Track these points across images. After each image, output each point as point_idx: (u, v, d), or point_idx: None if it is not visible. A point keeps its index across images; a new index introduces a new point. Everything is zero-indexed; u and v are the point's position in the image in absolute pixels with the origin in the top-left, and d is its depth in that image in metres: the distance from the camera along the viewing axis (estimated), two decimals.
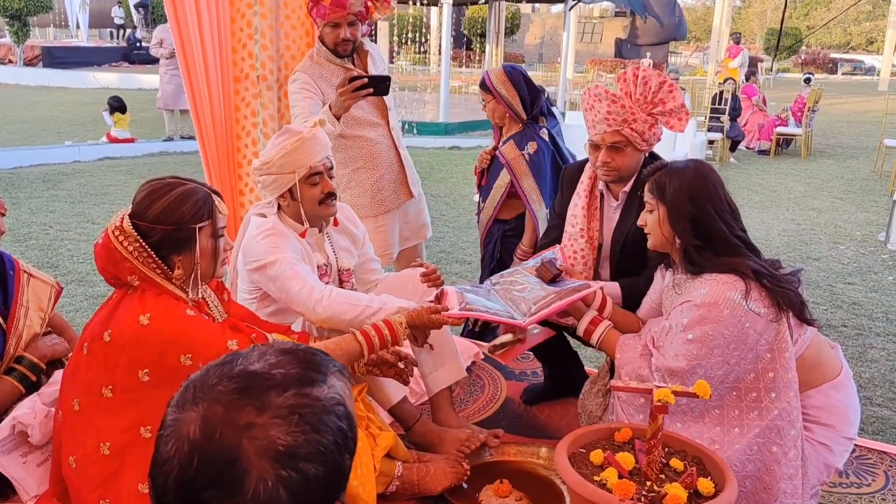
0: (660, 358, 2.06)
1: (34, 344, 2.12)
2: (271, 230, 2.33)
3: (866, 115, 15.36)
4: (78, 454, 1.78)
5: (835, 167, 9.82)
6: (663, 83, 2.43)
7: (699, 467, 1.82)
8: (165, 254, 1.81)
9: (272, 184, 2.33)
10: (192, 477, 0.76)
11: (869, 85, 24.56)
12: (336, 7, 2.87)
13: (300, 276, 2.25)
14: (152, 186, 1.83)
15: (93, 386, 1.78)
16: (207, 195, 1.85)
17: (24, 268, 2.18)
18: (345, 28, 2.93)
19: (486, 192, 3.32)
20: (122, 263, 1.79)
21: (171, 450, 0.78)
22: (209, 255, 1.87)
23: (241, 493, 0.75)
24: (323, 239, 2.52)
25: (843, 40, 39.85)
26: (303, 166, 2.30)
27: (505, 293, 2.39)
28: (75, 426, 1.80)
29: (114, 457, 1.76)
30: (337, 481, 0.81)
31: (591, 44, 28.86)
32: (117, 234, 1.80)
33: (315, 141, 2.32)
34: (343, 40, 2.95)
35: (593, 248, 2.62)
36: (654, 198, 2.15)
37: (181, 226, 1.80)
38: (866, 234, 6.30)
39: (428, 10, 18.79)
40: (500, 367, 3.31)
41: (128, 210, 1.84)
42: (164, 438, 0.79)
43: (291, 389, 0.80)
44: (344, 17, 2.91)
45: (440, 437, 2.43)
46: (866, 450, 2.70)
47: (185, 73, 3.16)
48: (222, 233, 1.91)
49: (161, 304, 1.78)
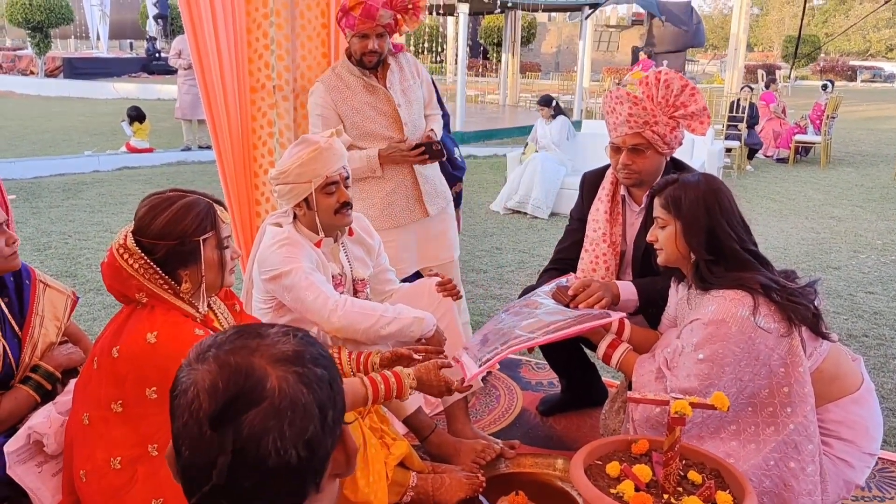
0: (673, 379, 2.03)
1: (50, 353, 2.12)
2: (286, 240, 2.33)
3: (886, 123, 15.21)
4: (88, 467, 1.78)
5: (854, 175, 9.72)
6: (685, 86, 2.41)
7: (717, 480, 1.79)
8: (171, 269, 1.81)
9: (288, 193, 2.35)
10: (221, 400, 0.83)
11: (889, 92, 24.34)
12: (365, 18, 2.89)
13: (315, 286, 2.25)
14: (153, 202, 1.82)
15: (102, 401, 1.77)
16: (209, 206, 1.84)
17: (40, 277, 2.19)
18: (373, 39, 2.95)
19: None
20: (129, 281, 1.79)
21: (193, 392, 0.85)
22: (215, 266, 1.86)
23: (266, 396, 0.84)
24: (338, 249, 2.52)
25: (863, 47, 39.57)
26: (319, 176, 2.31)
27: (519, 314, 2.38)
28: (86, 440, 1.80)
29: (124, 471, 1.75)
30: (339, 389, 0.92)
31: (607, 52, 28.84)
32: (122, 252, 1.79)
33: (331, 151, 2.33)
34: (370, 51, 2.97)
35: (616, 254, 2.60)
36: (667, 213, 2.12)
37: (185, 239, 1.79)
38: (887, 243, 6.22)
39: (444, 20, 18.86)
40: (517, 378, 3.29)
41: (131, 227, 1.83)
42: (183, 390, 0.86)
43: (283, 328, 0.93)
44: (372, 29, 2.93)
45: (456, 449, 2.41)
46: (889, 462, 2.65)
47: (201, 84, 3.18)
48: (227, 243, 1.89)
49: (169, 321, 1.77)
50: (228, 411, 0.83)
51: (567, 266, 2.72)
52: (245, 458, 0.82)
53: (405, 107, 3.05)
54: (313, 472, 0.88)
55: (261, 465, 0.82)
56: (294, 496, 0.86)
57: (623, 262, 2.65)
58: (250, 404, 0.83)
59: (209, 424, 0.83)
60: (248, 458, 0.82)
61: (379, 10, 2.89)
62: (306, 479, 0.87)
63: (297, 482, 0.86)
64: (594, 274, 2.58)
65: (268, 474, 0.83)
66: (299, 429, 0.84)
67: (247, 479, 0.83)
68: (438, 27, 19.93)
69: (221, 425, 0.82)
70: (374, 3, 2.89)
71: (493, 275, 5.07)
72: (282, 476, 0.84)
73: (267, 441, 0.82)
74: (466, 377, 2.20)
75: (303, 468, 0.85)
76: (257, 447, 0.82)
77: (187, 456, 0.84)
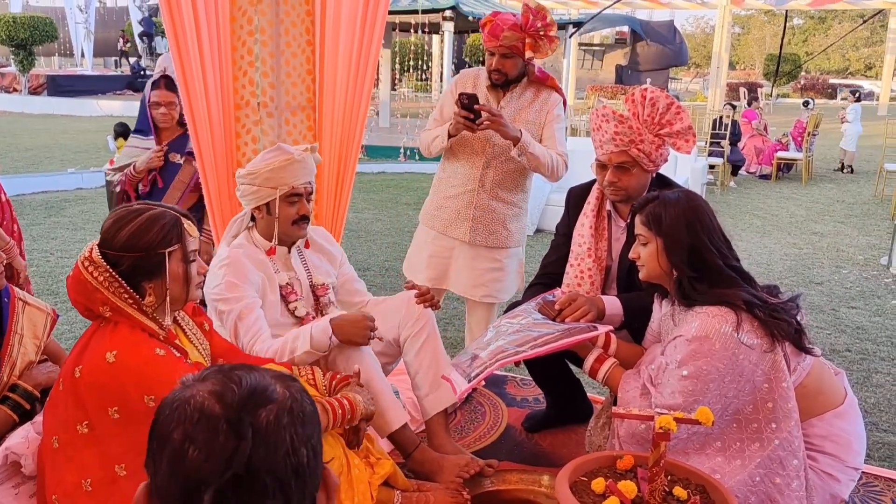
0: (657, 396, 2.03)
1: (29, 372, 2.10)
2: (227, 261, 2.39)
3: (866, 140, 15.40)
4: (59, 492, 1.75)
5: (836, 191, 9.82)
6: (671, 104, 2.43)
7: (703, 496, 1.78)
8: (136, 282, 1.79)
9: (252, 194, 2.43)
10: (235, 400, 0.83)
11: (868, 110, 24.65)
12: (491, 37, 2.96)
13: (250, 311, 2.35)
14: (118, 214, 1.81)
15: (69, 423, 1.75)
16: (176, 219, 1.83)
17: (19, 295, 2.17)
18: (497, 58, 2.97)
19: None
20: (93, 294, 1.77)
21: (196, 402, 0.84)
22: (180, 279, 1.84)
23: (276, 399, 0.86)
24: (291, 257, 2.56)
25: (842, 66, 40.12)
26: (286, 185, 2.40)
27: (507, 329, 2.37)
28: (55, 463, 1.77)
29: (96, 493, 1.72)
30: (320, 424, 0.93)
31: (591, 70, 29.08)
32: (87, 264, 1.78)
33: (303, 164, 2.43)
34: (494, 69, 3.00)
35: (601, 269, 2.61)
36: (648, 230, 2.13)
37: (150, 251, 1.78)
38: (869, 258, 6.28)
39: (429, 38, 18.95)
40: (502, 394, 3.28)
41: (97, 240, 1.82)
42: (181, 403, 0.85)
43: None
44: (497, 48, 2.96)
45: (440, 465, 2.39)
46: (873, 476, 2.66)
47: (185, 101, 3.16)
48: (193, 257, 1.88)
49: (129, 340, 1.75)
50: (244, 407, 0.83)
51: (553, 281, 2.72)
52: (265, 446, 0.81)
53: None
54: (311, 493, 0.86)
55: (277, 460, 0.81)
56: None
57: (608, 277, 2.66)
58: (264, 402, 0.84)
59: (225, 421, 0.82)
60: (268, 447, 0.81)
61: (504, 30, 2.92)
62: (304, 497, 0.84)
63: (298, 495, 0.83)
64: (579, 288, 2.59)
65: (279, 474, 0.81)
66: (308, 431, 0.86)
67: (262, 475, 0.80)
68: (424, 45, 20.04)
69: (239, 421, 0.82)
70: (502, 23, 2.94)
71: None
72: (290, 481, 0.82)
73: (283, 435, 0.83)
74: (456, 393, 2.20)
75: (306, 478, 0.84)
76: (275, 437, 0.82)
77: (196, 458, 0.80)
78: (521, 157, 2.96)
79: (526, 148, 2.91)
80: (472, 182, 3.08)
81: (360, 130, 3.41)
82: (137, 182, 3.59)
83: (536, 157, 2.94)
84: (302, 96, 3.35)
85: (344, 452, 2.00)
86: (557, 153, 3.04)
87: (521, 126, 2.99)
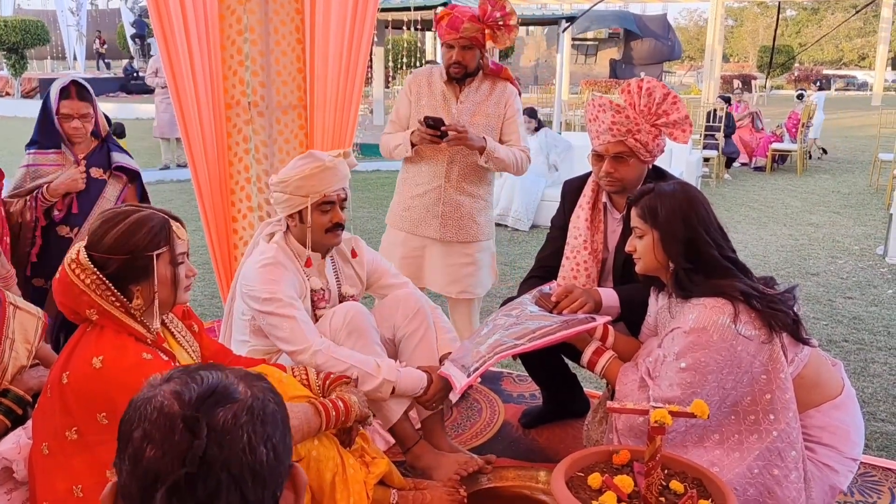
0: (655, 389, 2.02)
1: (20, 377, 2.07)
2: (271, 260, 2.33)
3: (861, 130, 15.42)
4: (51, 499, 1.73)
5: (831, 182, 9.83)
6: (667, 95, 2.43)
7: (699, 489, 1.78)
8: (123, 284, 1.77)
9: (284, 202, 2.38)
10: (192, 398, 0.84)
11: (862, 100, 24.69)
12: (450, 29, 2.96)
13: (291, 320, 2.27)
14: (106, 216, 1.79)
15: (59, 429, 1.73)
16: (164, 221, 1.81)
17: (9, 299, 2.15)
18: (457, 51, 2.99)
19: None
20: (80, 297, 1.75)
21: (158, 401, 0.84)
22: (168, 282, 1.82)
23: (237, 398, 0.86)
24: (325, 264, 2.52)
25: (836, 56, 40.16)
26: (317, 192, 2.35)
27: (504, 322, 2.36)
28: (45, 470, 1.75)
29: (87, 499, 1.71)
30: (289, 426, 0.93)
31: (585, 65, 29.06)
32: (74, 267, 1.76)
33: (335, 171, 2.36)
34: (454, 63, 3.01)
35: (597, 261, 2.60)
36: (644, 223, 2.13)
37: (137, 254, 1.76)
38: (864, 248, 6.28)
39: (423, 35, 18.92)
40: (498, 391, 3.27)
41: (84, 242, 1.80)
42: (144, 401, 0.86)
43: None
44: (457, 41, 2.97)
45: (437, 462, 2.39)
46: (871, 466, 2.65)
47: (176, 101, 3.15)
48: (182, 259, 1.86)
49: (115, 345, 1.74)
50: (202, 406, 0.83)
51: (548, 273, 2.72)
52: (220, 444, 0.81)
53: (465, 126, 3.01)
54: (273, 493, 0.86)
55: (232, 458, 0.82)
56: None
57: (604, 270, 2.65)
58: (223, 401, 0.85)
59: (181, 419, 0.82)
60: (223, 445, 0.82)
61: (464, 22, 2.94)
62: (265, 496, 0.84)
63: (256, 493, 0.83)
64: (575, 281, 2.58)
65: (235, 472, 0.82)
66: (269, 431, 0.86)
67: (217, 472, 0.81)
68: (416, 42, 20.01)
69: (195, 419, 0.82)
70: (461, 15, 2.96)
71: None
72: (246, 478, 0.82)
73: (240, 433, 0.83)
74: (455, 388, 2.18)
75: (265, 477, 0.84)
76: (231, 436, 0.82)
77: (152, 455, 0.82)
78: (487, 163, 3.03)
79: (492, 154, 3.00)
80: (438, 178, 3.11)
81: (353, 128, 3.40)
82: (50, 206, 2.96)
83: (502, 159, 3.03)
84: (293, 95, 3.33)
85: (339, 452, 1.99)
86: (521, 149, 3.12)
87: (481, 119, 3.07)
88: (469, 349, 2.35)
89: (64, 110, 3.02)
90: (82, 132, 3.05)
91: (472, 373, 2.19)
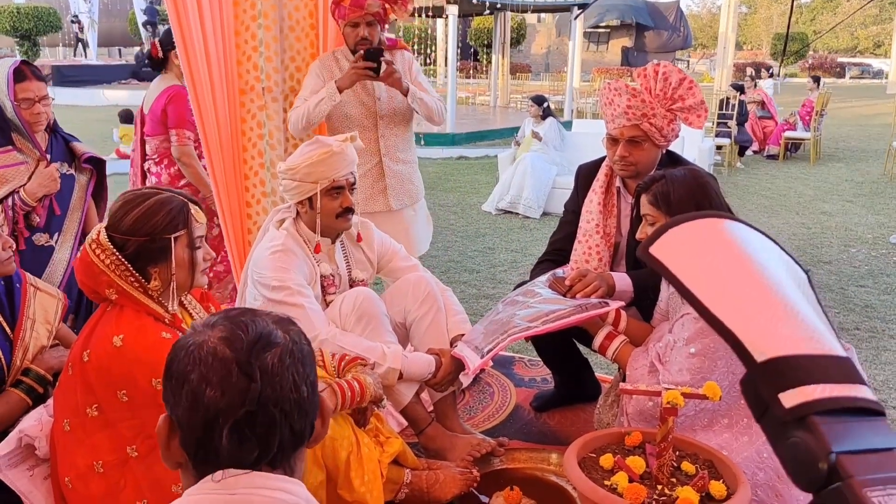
0: (665, 374, 2.04)
1: (41, 356, 2.11)
2: (281, 247, 2.35)
3: (875, 119, 15.29)
4: (72, 474, 1.77)
5: (844, 170, 9.76)
6: (683, 80, 2.43)
7: (711, 470, 1.79)
8: (142, 265, 1.80)
9: (294, 189, 2.39)
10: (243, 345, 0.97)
11: (877, 88, 24.47)
12: (354, 7, 3.01)
13: (300, 308, 2.28)
14: (126, 198, 1.82)
15: (79, 406, 1.76)
16: (183, 204, 1.84)
17: (30, 281, 2.18)
18: (363, 27, 3.04)
19: None
20: (99, 277, 1.78)
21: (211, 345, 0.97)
22: (186, 265, 1.85)
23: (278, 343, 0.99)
24: (335, 249, 2.54)
25: (851, 44, 39.78)
26: (326, 178, 2.36)
27: (517, 304, 2.38)
28: (67, 446, 1.79)
29: (108, 474, 1.75)
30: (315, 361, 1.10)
31: (597, 52, 28.92)
32: (94, 247, 1.79)
33: (342, 156, 2.37)
34: (362, 39, 3.06)
35: (609, 245, 2.61)
36: (657, 210, 2.13)
37: (155, 236, 1.78)
38: (878, 237, 6.25)
39: (434, 22, 18.86)
40: (510, 375, 3.29)
41: (105, 223, 1.83)
42: (196, 346, 0.97)
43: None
44: (362, 18, 3.03)
45: (451, 443, 2.41)
46: None
47: (190, 87, 3.17)
48: (199, 243, 1.88)
49: (135, 324, 1.77)
50: (253, 351, 0.96)
51: (560, 257, 2.73)
52: (272, 385, 0.95)
53: (386, 101, 3.14)
54: (311, 422, 1.01)
55: (282, 396, 0.95)
56: (296, 439, 0.98)
57: (617, 254, 2.66)
58: (268, 346, 0.97)
59: (236, 364, 0.95)
60: (274, 385, 0.95)
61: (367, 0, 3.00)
62: (306, 425, 0.99)
63: (301, 424, 0.98)
64: (587, 265, 2.58)
65: (286, 408, 0.96)
66: (307, 370, 1.00)
67: (271, 409, 0.95)
68: (428, 29, 19.95)
69: (249, 364, 0.95)
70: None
71: (486, 275, 5.07)
72: (293, 413, 0.97)
73: (287, 374, 0.96)
74: (469, 369, 2.20)
75: (307, 409, 0.99)
76: (280, 377, 0.96)
77: (213, 395, 0.94)
78: (413, 103, 3.13)
79: (416, 95, 3.12)
80: (375, 154, 3.18)
81: None
82: (29, 212, 2.70)
83: (425, 101, 3.15)
84: None
85: (353, 432, 2.01)
86: (436, 98, 3.25)
87: (396, 95, 3.16)
88: (482, 331, 2.37)
89: (23, 94, 2.64)
90: (45, 117, 2.73)
91: (486, 353, 2.21)
